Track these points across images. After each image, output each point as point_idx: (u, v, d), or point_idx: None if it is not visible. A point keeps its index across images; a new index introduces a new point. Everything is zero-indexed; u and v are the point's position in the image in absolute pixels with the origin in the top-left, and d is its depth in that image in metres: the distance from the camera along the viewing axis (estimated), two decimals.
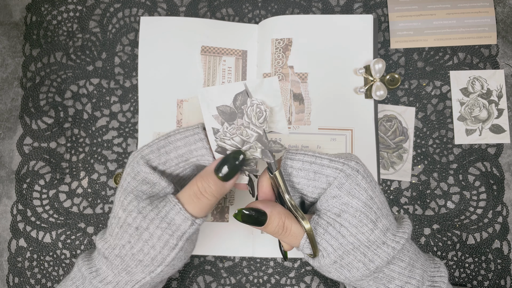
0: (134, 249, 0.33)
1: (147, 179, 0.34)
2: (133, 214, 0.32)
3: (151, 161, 0.35)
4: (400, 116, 0.49)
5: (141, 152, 0.35)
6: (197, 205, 0.33)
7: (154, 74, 0.49)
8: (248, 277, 0.48)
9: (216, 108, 0.33)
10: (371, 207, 0.32)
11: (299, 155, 0.33)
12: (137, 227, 0.32)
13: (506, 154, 0.49)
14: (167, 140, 0.35)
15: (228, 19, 0.51)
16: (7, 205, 0.49)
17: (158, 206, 0.33)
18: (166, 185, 0.34)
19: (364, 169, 0.32)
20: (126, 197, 0.33)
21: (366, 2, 0.51)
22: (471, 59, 0.50)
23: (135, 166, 0.34)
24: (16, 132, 0.50)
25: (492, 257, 0.47)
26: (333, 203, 0.32)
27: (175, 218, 0.32)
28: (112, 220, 0.34)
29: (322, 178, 0.33)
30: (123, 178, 0.35)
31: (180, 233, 0.33)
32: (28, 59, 0.51)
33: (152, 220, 0.32)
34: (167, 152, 0.35)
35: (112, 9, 0.51)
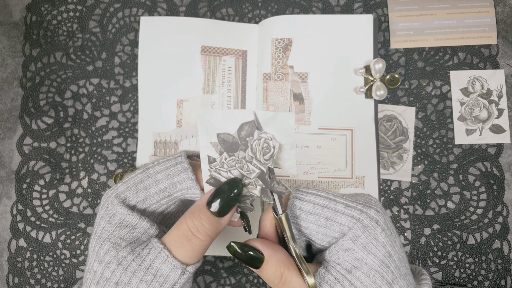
0: None
1: (124, 222, 0.29)
2: (111, 267, 0.27)
3: (127, 200, 0.30)
4: (400, 116, 0.49)
5: (115, 190, 0.30)
6: (188, 248, 0.28)
7: (154, 74, 0.49)
8: (248, 277, 0.48)
9: (217, 135, 0.28)
10: (389, 266, 0.27)
11: (310, 196, 0.29)
12: (117, 283, 0.27)
13: (506, 154, 0.49)
14: (145, 173, 0.30)
15: (228, 19, 0.51)
16: (7, 205, 0.49)
17: (140, 254, 0.28)
18: (148, 226, 0.29)
19: (384, 219, 0.28)
20: (101, 246, 0.28)
21: (366, 2, 0.51)
22: (471, 59, 0.50)
23: (110, 207, 0.29)
24: (16, 132, 0.50)
25: (493, 257, 0.47)
26: (344, 256, 0.27)
27: (161, 267, 0.28)
28: (87, 274, 0.29)
29: (334, 226, 0.28)
30: (96, 223, 0.30)
31: (169, 285, 0.28)
32: (28, 59, 0.51)
33: (135, 272, 0.27)
34: (146, 187, 0.30)
35: (112, 9, 0.51)
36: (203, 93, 0.49)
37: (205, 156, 0.29)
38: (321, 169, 0.48)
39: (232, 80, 0.50)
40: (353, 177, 0.48)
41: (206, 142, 0.28)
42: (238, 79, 0.50)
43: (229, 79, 0.49)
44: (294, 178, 0.48)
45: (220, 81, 0.49)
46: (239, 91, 0.50)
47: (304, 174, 0.48)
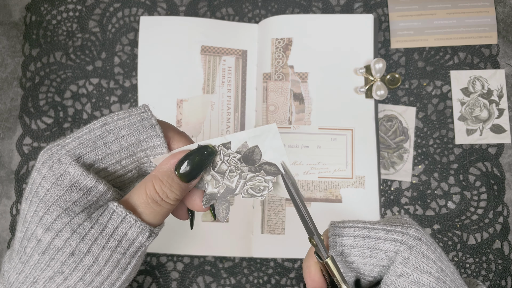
0: (70, 281, 0.25)
1: (77, 184, 0.25)
2: (64, 235, 0.25)
3: (82, 158, 0.26)
4: (400, 116, 0.49)
5: (65, 146, 0.26)
6: (158, 212, 0.27)
7: (153, 74, 0.49)
8: (248, 278, 0.48)
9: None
10: (444, 281, 0.26)
11: (349, 229, 0.28)
12: (72, 252, 0.25)
13: (506, 154, 0.49)
14: (104, 128, 0.27)
15: (228, 19, 0.51)
16: (6, 205, 0.49)
17: (99, 220, 0.26)
18: (105, 189, 0.26)
19: (426, 237, 0.27)
20: (48, 211, 0.25)
21: (367, 2, 0.51)
22: (472, 59, 0.50)
23: (56, 166, 0.25)
24: (15, 132, 0.50)
25: (493, 258, 0.47)
26: (400, 283, 0.26)
27: (128, 232, 0.26)
28: (26, 242, 0.26)
29: (380, 254, 0.27)
30: (35, 182, 0.26)
31: (134, 249, 0.26)
32: (27, 59, 0.50)
33: (95, 240, 0.25)
34: (106, 144, 0.26)
35: (111, 9, 0.51)
36: (203, 93, 0.49)
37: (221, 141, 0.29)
38: (321, 169, 0.48)
39: (232, 80, 0.49)
40: (353, 177, 0.48)
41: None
42: (238, 79, 0.50)
43: (229, 79, 0.49)
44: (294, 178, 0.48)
45: (220, 81, 0.49)
46: (239, 91, 0.50)
47: (304, 174, 0.48)
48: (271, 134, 0.29)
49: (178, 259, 0.48)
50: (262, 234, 0.47)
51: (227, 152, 0.29)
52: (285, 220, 0.47)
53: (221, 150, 0.29)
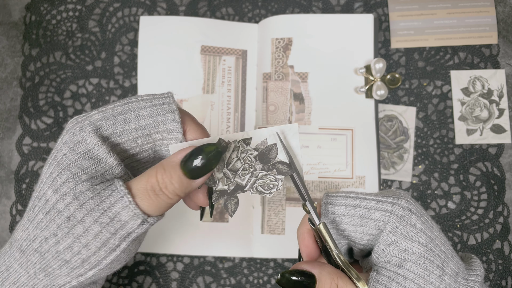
0: (60, 245, 0.26)
1: (90, 153, 0.26)
2: (66, 199, 0.25)
3: (101, 130, 0.27)
4: (400, 116, 0.49)
5: (90, 117, 0.27)
6: (154, 202, 0.27)
7: (153, 73, 0.49)
8: (248, 278, 0.48)
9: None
10: (434, 250, 0.27)
11: (341, 199, 0.29)
12: (68, 217, 0.25)
13: (507, 154, 0.49)
14: (127, 106, 0.28)
15: (228, 19, 0.51)
16: (6, 205, 0.49)
17: (101, 193, 0.26)
18: (115, 164, 0.27)
19: (416, 208, 0.28)
20: (60, 174, 0.26)
21: (367, 2, 0.51)
22: (472, 58, 0.50)
23: (77, 133, 0.26)
24: (15, 132, 0.50)
25: (493, 258, 0.47)
26: (390, 251, 0.27)
27: (121, 213, 0.26)
28: (36, 201, 0.27)
29: (370, 223, 0.28)
30: (57, 147, 0.27)
31: (125, 233, 0.26)
32: (27, 58, 0.50)
33: (91, 211, 0.25)
34: (126, 120, 0.27)
35: (111, 9, 0.51)
36: (203, 93, 0.49)
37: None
38: (322, 169, 0.48)
39: (232, 79, 0.49)
40: (353, 177, 0.48)
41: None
42: (238, 79, 0.50)
43: (229, 78, 0.49)
44: None
45: (220, 81, 0.49)
46: (239, 90, 0.49)
47: (304, 174, 0.48)
48: (291, 133, 0.29)
49: (178, 259, 0.48)
50: (262, 234, 0.47)
51: (246, 148, 0.29)
52: (285, 220, 0.47)
53: (240, 146, 0.29)
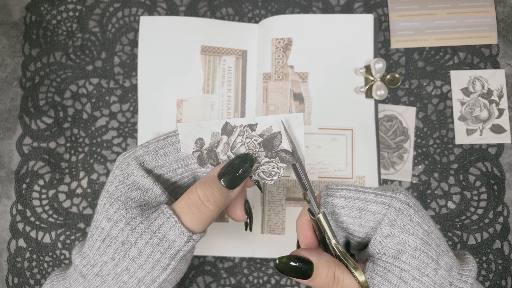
0: (118, 268, 0.28)
1: (138, 184, 0.29)
2: (119, 225, 0.28)
3: (145, 163, 0.30)
4: (400, 116, 0.49)
5: (135, 152, 0.31)
6: (197, 217, 0.29)
7: (153, 74, 0.49)
8: (248, 278, 0.48)
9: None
10: (430, 244, 0.28)
11: (340, 191, 0.30)
12: (123, 242, 0.28)
13: (506, 154, 0.49)
14: (166, 141, 0.31)
15: (228, 19, 0.51)
16: (6, 205, 0.49)
17: (149, 217, 0.28)
18: (160, 193, 0.30)
19: (414, 202, 0.29)
20: (112, 204, 0.29)
21: (367, 2, 0.51)
22: (472, 58, 0.50)
23: (125, 168, 0.30)
24: (15, 132, 0.50)
25: (493, 258, 0.47)
26: (387, 243, 0.28)
27: (168, 232, 0.28)
28: (94, 231, 0.29)
29: (368, 215, 0.29)
30: (109, 181, 0.30)
31: (173, 251, 0.28)
32: (27, 59, 0.50)
33: (142, 234, 0.28)
34: (166, 154, 0.31)
35: (111, 9, 0.51)
36: (203, 93, 0.49)
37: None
38: (322, 169, 0.48)
39: (232, 80, 0.49)
40: (353, 177, 0.48)
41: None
42: (238, 79, 0.50)
43: (229, 79, 0.49)
44: (294, 178, 0.48)
45: (220, 81, 0.49)
46: (239, 91, 0.50)
47: None
48: (296, 122, 0.30)
49: None
50: (262, 234, 0.47)
51: (250, 134, 0.30)
52: (285, 220, 0.47)
53: (245, 131, 0.30)
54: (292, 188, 0.48)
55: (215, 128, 0.31)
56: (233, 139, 0.30)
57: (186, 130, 0.31)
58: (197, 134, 0.31)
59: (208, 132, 0.31)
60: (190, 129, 0.31)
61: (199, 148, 0.31)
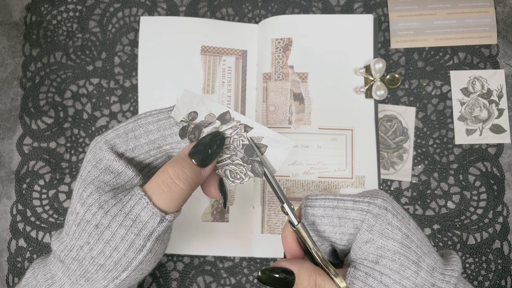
0: (93, 251, 0.28)
1: (110, 168, 0.29)
2: (92, 209, 0.28)
3: (116, 147, 0.30)
4: (400, 116, 0.49)
5: (105, 136, 0.30)
6: (168, 196, 0.28)
7: (154, 74, 0.49)
8: (248, 278, 0.48)
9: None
10: (409, 247, 0.28)
11: (319, 201, 0.30)
12: (97, 225, 0.28)
13: (506, 154, 0.49)
14: (136, 123, 0.31)
15: (228, 19, 0.51)
16: (6, 205, 0.49)
17: (122, 200, 0.28)
18: (133, 175, 0.30)
19: (392, 206, 0.29)
20: (85, 188, 0.29)
21: (366, 2, 0.51)
22: (472, 59, 0.50)
23: (97, 152, 0.30)
24: (15, 132, 0.50)
25: (493, 257, 0.47)
26: (367, 249, 0.28)
27: (141, 214, 0.28)
28: (69, 216, 0.30)
29: (348, 222, 0.29)
30: (82, 166, 0.30)
31: (147, 232, 0.28)
32: (27, 59, 0.50)
33: (115, 216, 0.28)
34: (137, 136, 0.30)
35: (112, 9, 0.51)
36: (203, 93, 0.49)
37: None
38: (321, 169, 0.48)
39: (232, 80, 0.49)
40: (353, 177, 0.48)
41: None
42: (238, 79, 0.50)
43: (229, 79, 0.49)
44: (294, 178, 0.48)
45: (220, 81, 0.49)
46: (239, 91, 0.50)
47: (304, 174, 0.48)
48: (284, 146, 0.30)
49: (178, 259, 0.48)
50: (262, 234, 0.47)
51: (242, 133, 0.30)
52: (284, 220, 0.47)
53: (240, 128, 0.30)
54: (292, 188, 0.48)
55: (214, 111, 0.30)
56: (224, 128, 0.30)
57: (188, 98, 0.31)
58: (194, 107, 0.31)
59: (206, 111, 0.31)
60: (191, 100, 0.31)
61: (189, 120, 0.31)
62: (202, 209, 0.48)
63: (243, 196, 0.49)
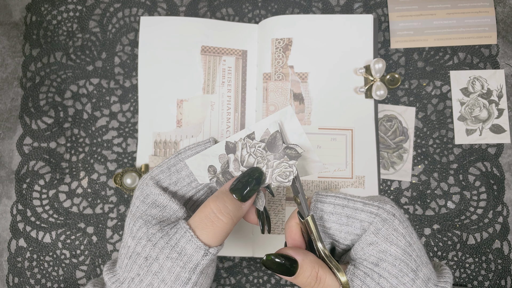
0: (143, 283, 0.29)
1: (156, 202, 0.31)
2: (142, 242, 0.29)
3: (161, 182, 0.32)
4: (400, 116, 0.49)
5: (151, 173, 0.33)
6: (211, 230, 0.29)
7: (154, 74, 0.49)
8: (248, 277, 0.48)
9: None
10: (411, 255, 0.29)
11: (330, 198, 0.31)
12: (146, 257, 0.29)
13: (506, 154, 0.49)
14: (177, 157, 0.33)
15: (228, 19, 0.51)
16: (7, 205, 0.49)
17: (168, 232, 0.29)
18: (177, 208, 0.31)
19: (400, 213, 0.30)
20: (135, 223, 0.30)
21: (366, 2, 0.51)
22: (471, 59, 0.50)
23: (144, 188, 0.32)
24: (16, 132, 0.50)
25: (493, 257, 0.47)
26: (369, 251, 0.29)
27: (186, 246, 0.29)
28: (122, 250, 0.31)
29: (355, 223, 0.30)
30: (132, 203, 0.32)
31: (192, 265, 0.29)
32: (28, 59, 0.50)
33: (162, 249, 0.29)
34: (178, 170, 0.32)
35: (112, 9, 0.51)
36: (203, 93, 0.49)
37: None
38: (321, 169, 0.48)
39: (232, 80, 0.50)
40: (353, 177, 0.48)
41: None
42: (238, 79, 0.50)
43: (229, 79, 0.49)
44: None
45: (220, 81, 0.49)
46: (239, 91, 0.50)
47: None
48: (288, 116, 0.30)
49: None
50: (262, 234, 0.47)
51: (252, 143, 0.31)
52: (285, 220, 0.47)
53: (246, 142, 0.31)
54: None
55: (219, 151, 0.31)
56: (239, 154, 0.31)
57: (195, 163, 0.32)
58: (206, 163, 0.32)
59: (215, 157, 0.32)
60: (198, 161, 0.32)
61: (214, 175, 0.32)
62: None
63: None
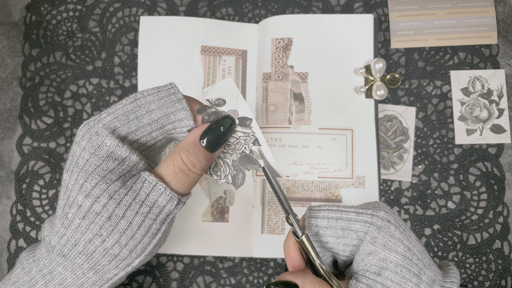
0: (107, 243, 0.28)
1: (113, 154, 0.28)
2: (102, 200, 0.27)
3: (117, 131, 0.29)
4: (400, 116, 0.49)
5: (101, 120, 0.28)
6: (185, 182, 0.29)
7: (153, 73, 0.49)
8: (248, 278, 0.48)
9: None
10: (411, 259, 0.28)
11: (323, 212, 0.30)
12: (109, 217, 0.27)
13: (506, 154, 0.49)
14: (136, 103, 0.29)
15: (228, 19, 0.51)
16: (6, 205, 0.49)
17: (133, 188, 0.28)
18: (138, 160, 0.29)
19: (395, 218, 0.29)
20: (88, 179, 0.27)
21: (367, 2, 0.51)
22: (472, 59, 0.50)
23: (94, 138, 0.28)
24: (15, 132, 0.50)
25: (493, 258, 0.47)
26: (369, 261, 0.29)
27: (158, 199, 0.28)
28: (68, 208, 0.28)
29: (351, 234, 0.29)
30: (75, 154, 0.28)
31: (164, 216, 0.29)
32: (27, 59, 0.50)
33: (129, 206, 0.27)
34: (138, 117, 0.29)
35: (111, 9, 0.51)
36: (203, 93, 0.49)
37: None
38: (321, 169, 0.48)
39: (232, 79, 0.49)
40: (353, 177, 0.48)
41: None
42: (238, 79, 0.50)
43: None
44: (294, 178, 0.48)
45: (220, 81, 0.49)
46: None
47: (304, 174, 0.48)
48: (232, 88, 0.31)
49: (178, 259, 0.48)
50: (262, 234, 0.47)
51: (249, 142, 0.31)
52: (285, 220, 0.47)
53: (250, 138, 0.31)
54: (292, 188, 0.48)
55: (241, 111, 0.31)
56: (238, 129, 0.31)
57: (227, 86, 0.31)
58: (227, 97, 0.31)
59: (234, 106, 0.31)
60: (229, 89, 0.31)
61: (214, 104, 0.31)
62: (202, 209, 0.48)
63: (243, 196, 0.48)
